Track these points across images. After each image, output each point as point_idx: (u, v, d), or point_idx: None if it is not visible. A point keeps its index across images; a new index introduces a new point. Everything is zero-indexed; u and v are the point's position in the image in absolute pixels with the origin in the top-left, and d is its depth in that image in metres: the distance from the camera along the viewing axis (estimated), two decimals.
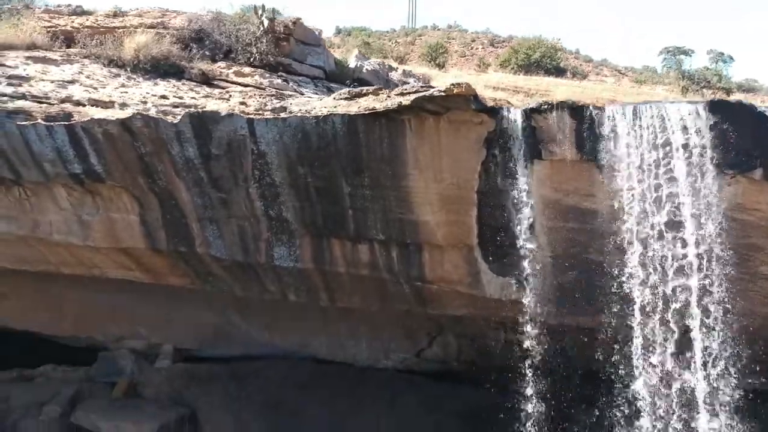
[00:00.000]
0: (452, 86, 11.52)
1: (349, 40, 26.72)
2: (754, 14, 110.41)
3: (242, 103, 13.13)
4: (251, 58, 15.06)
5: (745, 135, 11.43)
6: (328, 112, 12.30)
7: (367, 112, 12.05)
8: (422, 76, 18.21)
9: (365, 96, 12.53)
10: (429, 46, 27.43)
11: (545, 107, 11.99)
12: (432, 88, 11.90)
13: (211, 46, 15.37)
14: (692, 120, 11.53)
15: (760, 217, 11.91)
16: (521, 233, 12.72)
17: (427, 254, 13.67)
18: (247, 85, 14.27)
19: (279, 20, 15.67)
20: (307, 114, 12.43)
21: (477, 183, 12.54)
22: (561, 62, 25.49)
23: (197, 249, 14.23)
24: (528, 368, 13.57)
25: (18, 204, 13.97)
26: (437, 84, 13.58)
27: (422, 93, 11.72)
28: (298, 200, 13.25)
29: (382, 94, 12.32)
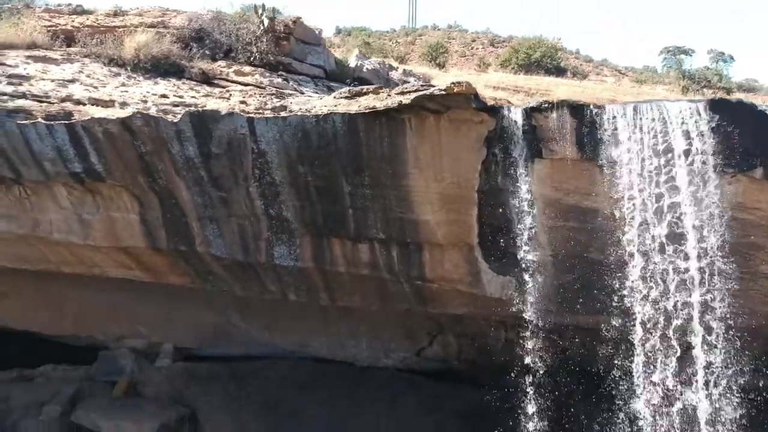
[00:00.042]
0: (453, 85, 11.50)
1: (350, 40, 26.63)
2: (755, 15, 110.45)
3: (242, 102, 13.12)
4: (251, 58, 15.05)
5: (746, 134, 11.41)
6: (329, 111, 12.29)
7: (368, 111, 12.03)
8: (422, 76, 18.15)
9: (365, 95, 12.51)
10: (429, 46, 27.34)
11: (546, 106, 11.99)
12: (432, 87, 11.88)
13: (212, 46, 15.35)
14: (693, 123, 11.48)
15: (761, 216, 11.91)
16: (522, 232, 12.70)
17: (428, 253, 13.66)
18: (248, 84, 14.25)
19: (279, 19, 15.65)
20: (308, 113, 12.41)
21: (477, 182, 12.53)
22: (561, 62, 25.38)
23: (197, 248, 14.22)
24: (528, 367, 13.55)
25: (18, 203, 13.97)
26: (438, 83, 13.55)
27: (423, 92, 11.70)
28: (299, 199, 13.24)
29: (383, 93, 12.30)
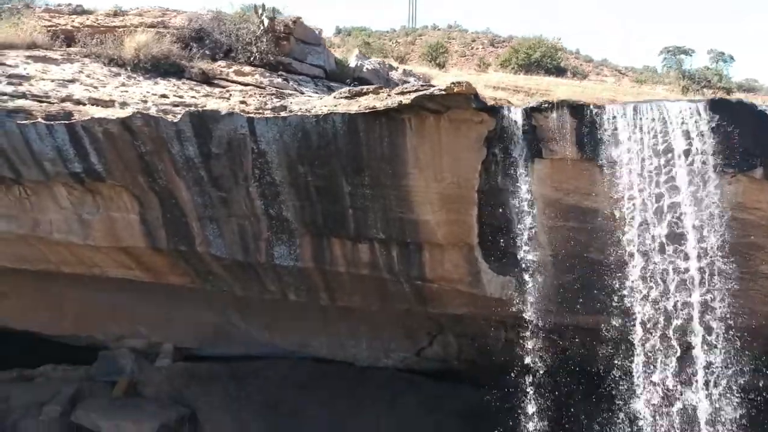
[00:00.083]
0: (453, 85, 11.50)
1: (350, 40, 26.61)
2: (755, 15, 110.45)
3: (242, 102, 13.12)
4: (251, 58, 15.05)
5: (746, 134, 11.41)
6: (329, 111, 12.28)
7: (368, 111, 12.02)
8: (423, 76, 18.14)
9: (365, 95, 12.50)
10: (429, 46, 27.32)
11: (546, 106, 11.98)
12: (432, 87, 11.87)
13: (212, 46, 15.35)
14: (693, 123, 11.47)
15: (761, 216, 11.91)
16: (522, 232, 12.70)
17: (428, 253, 13.66)
18: (248, 84, 14.24)
19: (279, 19, 15.65)
20: (308, 113, 12.40)
21: (477, 182, 12.52)
22: (561, 62, 25.38)
23: (197, 248, 14.22)
24: (528, 367, 13.55)
25: (18, 203, 13.97)
26: (438, 83, 13.55)
27: (423, 92, 11.69)
28: (299, 199, 13.24)
29: (383, 93, 12.30)
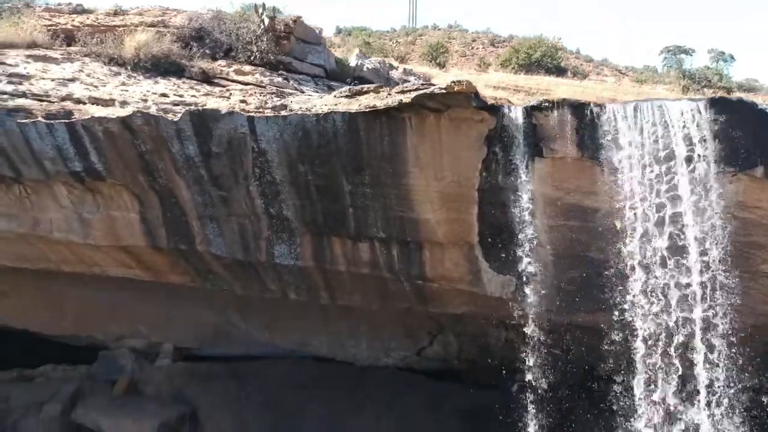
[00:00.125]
0: (453, 83, 11.49)
1: (350, 40, 26.59)
2: (755, 14, 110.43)
3: (243, 101, 13.12)
4: (252, 57, 15.05)
5: (746, 132, 11.40)
6: (329, 110, 12.28)
7: (368, 110, 12.02)
8: (423, 75, 18.14)
9: (366, 94, 12.50)
10: (430, 46, 27.31)
11: (546, 105, 11.96)
12: (433, 86, 11.86)
13: (212, 45, 15.35)
14: (692, 121, 11.46)
15: (762, 215, 11.89)
16: (522, 231, 12.68)
17: (428, 252, 13.65)
18: (248, 84, 14.24)
19: (279, 19, 15.65)
20: (308, 112, 12.40)
21: (478, 181, 12.51)
22: (562, 62, 25.36)
23: (197, 247, 14.22)
24: (528, 366, 13.54)
25: (18, 202, 13.97)
26: (438, 82, 13.55)
27: (423, 90, 11.68)
28: (299, 198, 13.23)
29: (383, 92, 12.29)
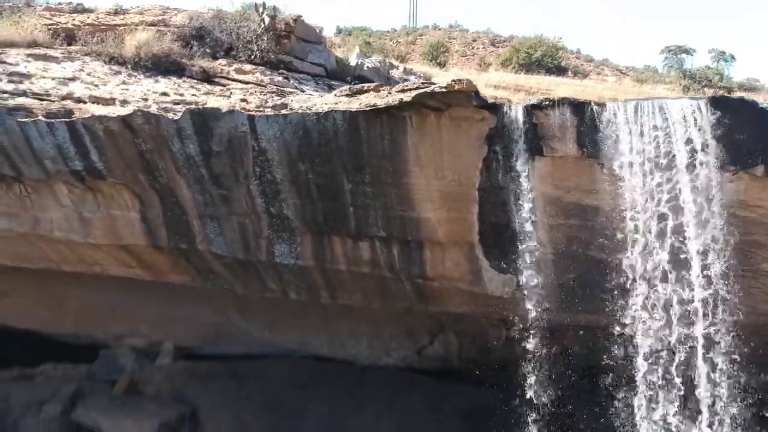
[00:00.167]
0: (453, 82, 11.49)
1: (350, 40, 26.56)
2: (756, 13, 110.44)
3: (243, 100, 13.11)
4: (252, 56, 15.04)
5: (747, 131, 11.39)
6: (329, 109, 12.27)
7: (368, 109, 12.01)
8: (423, 75, 18.17)
9: (366, 93, 12.49)
10: (430, 46, 27.34)
11: (547, 104, 11.93)
12: (433, 85, 11.87)
13: (212, 44, 15.34)
14: (693, 119, 11.44)
15: (762, 214, 11.86)
16: (522, 230, 12.68)
17: (428, 251, 13.64)
18: (248, 83, 14.24)
19: (280, 18, 15.64)
20: (308, 111, 12.39)
21: (478, 180, 12.50)
22: (562, 61, 25.38)
23: (198, 246, 14.21)
24: (529, 366, 13.53)
25: (19, 201, 13.98)
26: (438, 81, 13.55)
27: (423, 89, 11.68)
28: (299, 197, 13.23)
29: (383, 91, 12.29)
